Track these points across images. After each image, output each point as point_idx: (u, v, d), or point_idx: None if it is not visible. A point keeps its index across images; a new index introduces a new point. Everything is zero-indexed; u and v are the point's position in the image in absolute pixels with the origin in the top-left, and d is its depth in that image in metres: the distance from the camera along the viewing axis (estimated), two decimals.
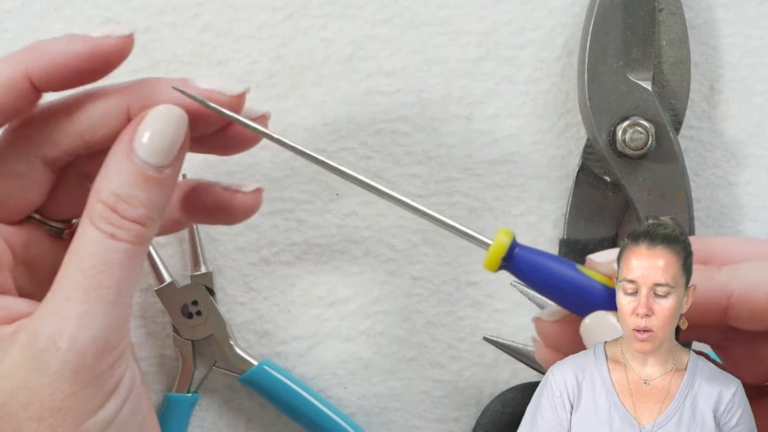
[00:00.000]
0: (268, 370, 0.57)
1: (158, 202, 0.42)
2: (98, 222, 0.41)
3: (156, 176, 0.41)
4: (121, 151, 0.42)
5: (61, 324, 0.40)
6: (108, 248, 0.41)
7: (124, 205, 0.41)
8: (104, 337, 0.40)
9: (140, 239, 0.41)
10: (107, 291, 0.40)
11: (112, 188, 0.41)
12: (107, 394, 0.40)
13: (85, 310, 0.40)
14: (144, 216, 0.41)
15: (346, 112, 0.58)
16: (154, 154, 0.41)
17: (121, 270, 0.41)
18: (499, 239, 0.42)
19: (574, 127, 0.58)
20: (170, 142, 0.42)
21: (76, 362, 0.39)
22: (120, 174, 0.41)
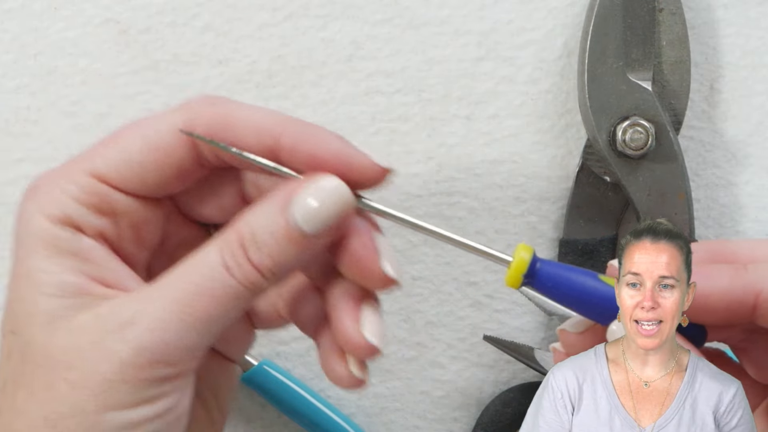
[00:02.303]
0: (268, 370, 0.57)
1: (288, 261, 0.41)
2: (223, 249, 0.40)
3: (298, 239, 0.40)
4: (280, 199, 0.41)
5: (138, 318, 0.40)
6: (217, 278, 0.40)
7: (254, 247, 0.40)
8: (166, 351, 0.40)
9: (251, 285, 0.40)
10: (194, 314, 0.40)
11: (253, 227, 0.40)
12: (140, 401, 0.40)
13: (166, 317, 0.40)
14: (267, 267, 0.40)
15: (346, 112, 0.58)
16: (308, 221, 0.40)
17: (218, 303, 0.40)
18: (519, 256, 0.41)
19: (574, 127, 0.58)
20: (328, 217, 0.40)
21: (128, 356, 0.39)
22: (267, 218, 0.40)
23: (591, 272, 0.42)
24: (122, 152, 0.42)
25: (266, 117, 0.42)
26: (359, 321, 0.42)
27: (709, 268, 0.41)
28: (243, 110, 0.42)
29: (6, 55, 0.58)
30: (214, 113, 0.42)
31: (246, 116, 0.42)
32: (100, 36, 0.58)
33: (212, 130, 0.42)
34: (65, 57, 0.58)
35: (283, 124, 0.42)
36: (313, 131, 0.42)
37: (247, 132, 0.42)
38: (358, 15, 0.58)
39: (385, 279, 0.42)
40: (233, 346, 0.47)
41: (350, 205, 0.41)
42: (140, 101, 0.58)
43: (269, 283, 0.41)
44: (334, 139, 0.42)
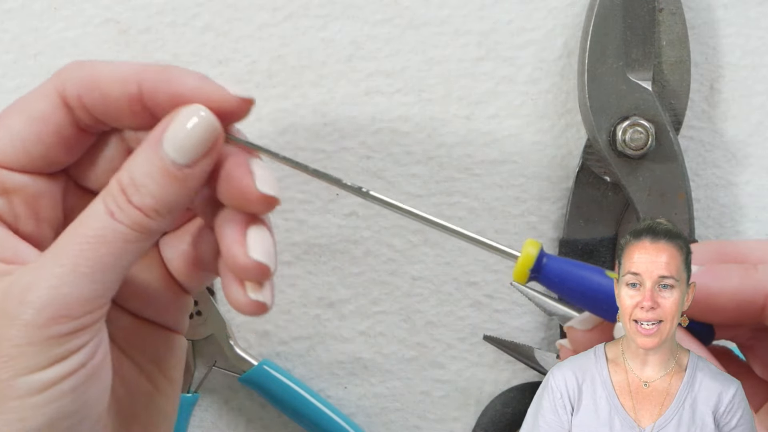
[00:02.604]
0: (268, 370, 0.57)
1: (169, 198, 0.41)
2: (106, 198, 0.42)
3: (174, 173, 0.41)
4: (152, 139, 0.42)
5: (35, 280, 0.40)
6: (103, 224, 0.41)
7: (133, 189, 0.41)
8: (66, 303, 0.40)
9: (139, 227, 0.41)
10: (87, 263, 0.41)
11: (131, 171, 0.42)
12: (52, 359, 0.40)
13: (59, 273, 0.40)
14: (149, 206, 0.41)
15: (346, 112, 0.58)
16: (178, 151, 0.41)
17: (108, 249, 0.41)
18: (527, 251, 0.42)
19: (574, 127, 0.58)
20: (197, 143, 0.41)
21: (30, 317, 0.40)
22: (142, 161, 0.42)
23: (597, 268, 0.42)
24: (4, 130, 0.43)
25: (127, 68, 0.43)
26: (245, 243, 0.42)
27: (719, 267, 0.41)
28: (106, 66, 0.43)
29: (6, 55, 0.58)
30: (82, 75, 0.43)
31: (109, 71, 0.43)
32: (100, 36, 0.58)
33: (82, 90, 0.43)
34: (65, 57, 0.58)
35: (143, 71, 0.43)
36: (171, 72, 0.42)
37: (112, 85, 0.42)
38: (358, 15, 0.58)
39: (263, 198, 0.42)
40: (168, 314, 0.47)
41: (217, 129, 0.42)
42: None
43: (156, 223, 0.42)
44: (192, 77, 0.42)
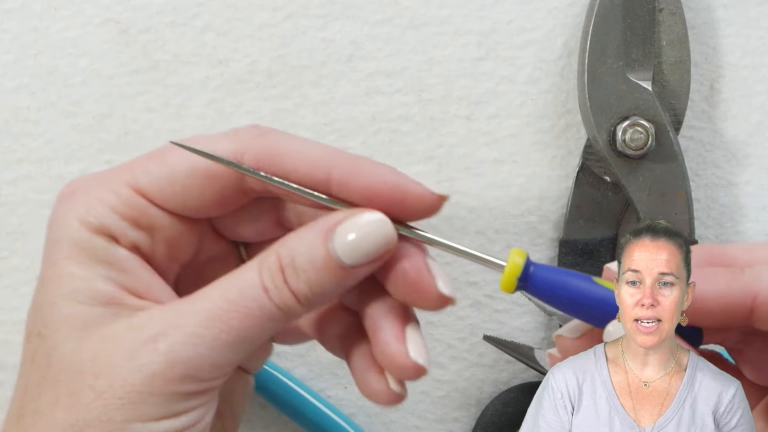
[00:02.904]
0: (268, 370, 0.57)
1: (324, 290, 0.41)
2: (262, 270, 0.41)
3: (337, 270, 0.40)
4: (322, 228, 0.41)
5: (172, 330, 0.40)
6: (254, 297, 0.40)
7: (292, 271, 0.40)
8: (199, 365, 0.40)
9: (286, 308, 0.40)
10: (229, 331, 0.40)
11: (294, 252, 0.40)
12: (166, 414, 0.40)
13: (199, 332, 0.40)
14: (303, 293, 0.40)
15: (347, 112, 0.58)
16: (348, 253, 0.40)
17: (254, 323, 0.40)
18: (513, 260, 0.41)
19: (574, 127, 0.58)
20: (368, 251, 0.40)
21: (161, 368, 0.39)
22: (308, 245, 0.40)
23: (585, 275, 0.42)
24: (167, 171, 0.42)
25: (317, 150, 0.42)
26: (404, 341, 0.42)
27: (707, 270, 0.41)
28: (292, 143, 0.42)
29: (6, 55, 0.58)
30: (264, 145, 0.42)
31: (296, 149, 0.42)
32: (100, 36, 0.58)
33: (261, 163, 0.42)
34: (65, 57, 0.58)
35: (334, 157, 0.41)
36: (364, 163, 0.41)
37: (298, 165, 0.41)
38: (358, 15, 0.58)
39: (442, 298, 0.41)
40: (252, 359, 0.47)
41: (392, 240, 0.41)
42: (140, 101, 0.58)
43: (304, 309, 0.41)
44: (387, 170, 0.41)
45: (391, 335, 0.42)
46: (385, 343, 0.42)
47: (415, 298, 0.42)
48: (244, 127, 0.43)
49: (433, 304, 0.42)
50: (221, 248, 0.46)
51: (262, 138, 0.42)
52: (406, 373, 0.42)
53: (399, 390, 0.43)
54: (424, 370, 0.42)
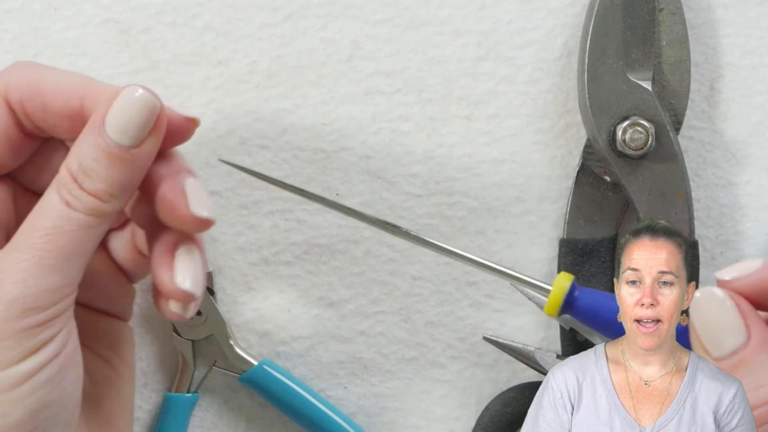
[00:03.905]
0: (268, 370, 0.57)
1: (120, 180, 0.42)
2: (59, 188, 0.42)
3: (121, 155, 0.42)
4: (93, 124, 0.42)
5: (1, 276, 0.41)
6: (61, 214, 0.42)
7: (84, 176, 0.42)
8: (34, 296, 0.41)
9: (95, 212, 0.42)
10: (50, 254, 0.41)
11: (78, 159, 0.42)
12: (26, 352, 0.41)
13: (23, 267, 0.41)
14: (102, 191, 0.42)
15: (346, 112, 0.58)
16: (121, 134, 0.42)
17: (69, 238, 0.42)
18: (559, 284, 0.42)
19: (574, 127, 0.58)
20: (139, 123, 0.42)
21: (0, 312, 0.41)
22: (88, 147, 0.42)
23: None
24: None
25: (72, 80, 0.44)
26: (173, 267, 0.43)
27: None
28: (51, 75, 0.44)
29: (6, 55, 0.58)
30: (25, 80, 0.44)
31: (53, 81, 0.44)
32: (100, 36, 0.58)
33: (25, 96, 0.43)
34: (65, 57, 0.58)
35: (86, 86, 0.43)
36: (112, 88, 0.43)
37: (55, 96, 0.43)
38: (358, 15, 0.58)
39: (197, 220, 0.43)
40: (115, 303, 0.49)
41: (156, 106, 0.42)
42: None
43: (111, 206, 0.42)
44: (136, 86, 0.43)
45: (160, 261, 0.44)
46: (155, 270, 0.44)
47: (175, 221, 0.43)
48: (9, 66, 0.45)
49: (191, 225, 0.43)
50: None
51: (23, 74, 0.44)
52: (176, 298, 0.44)
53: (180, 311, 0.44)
54: (191, 295, 0.43)
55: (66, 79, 0.44)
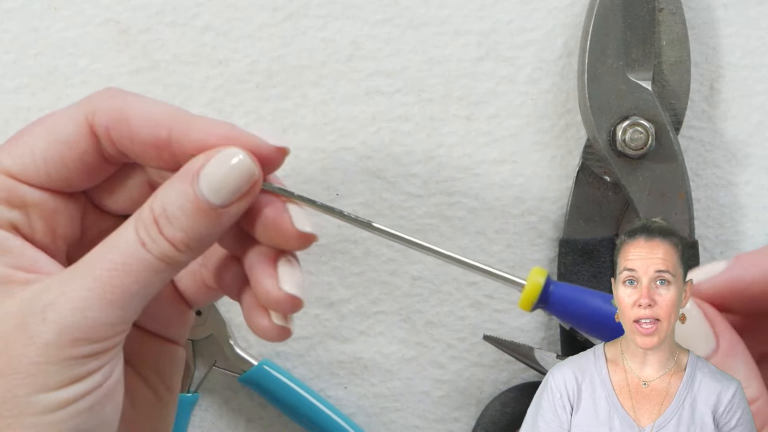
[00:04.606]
0: (268, 370, 0.57)
1: (200, 233, 0.42)
2: (138, 225, 0.42)
3: (208, 211, 0.42)
4: (188, 173, 0.42)
5: (58, 298, 0.41)
6: (134, 252, 0.41)
7: (166, 221, 0.41)
8: (89, 327, 0.41)
9: (168, 259, 0.42)
10: (113, 289, 0.41)
11: (164, 203, 0.42)
12: (70, 379, 0.41)
13: (84, 296, 0.41)
14: (179, 240, 0.41)
15: (347, 112, 0.58)
16: (214, 192, 0.41)
17: (136, 277, 0.41)
18: (533, 279, 0.42)
19: (574, 127, 0.58)
20: (235, 188, 0.42)
21: (51, 337, 0.40)
22: (176, 194, 0.42)
23: (605, 295, 0.42)
24: (27, 147, 0.43)
25: (159, 110, 0.43)
26: (277, 276, 0.43)
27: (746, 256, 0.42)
28: (138, 103, 0.43)
29: (6, 55, 0.58)
30: (112, 107, 0.43)
31: (141, 109, 0.43)
32: (100, 36, 0.58)
33: (111, 123, 0.43)
34: (65, 57, 0.58)
35: (174, 115, 0.43)
36: (200, 120, 0.43)
37: (142, 125, 0.43)
38: (358, 15, 0.58)
39: (302, 235, 0.43)
40: (171, 328, 0.48)
41: (255, 173, 0.42)
42: None
43: (185, 257, 0.42)
44: (223, 126, 0.43)
45: (262, 273, 0.43)
46: (258, 281, 0.43)
47: (278, 239, 0.43)
48: (96, 92, 0.45)
49: (296, 242, 0.43)
50: (108, 224, 0.46)
51: (110, 101, 0.44)
52: (282, 305, 0.43)
53: (283, 323, 0.44)
54: (298, 300, 0.43)
55: (154, 108, 0.43)
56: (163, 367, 0.48)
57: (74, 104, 0.44)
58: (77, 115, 0.43)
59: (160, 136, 0.43)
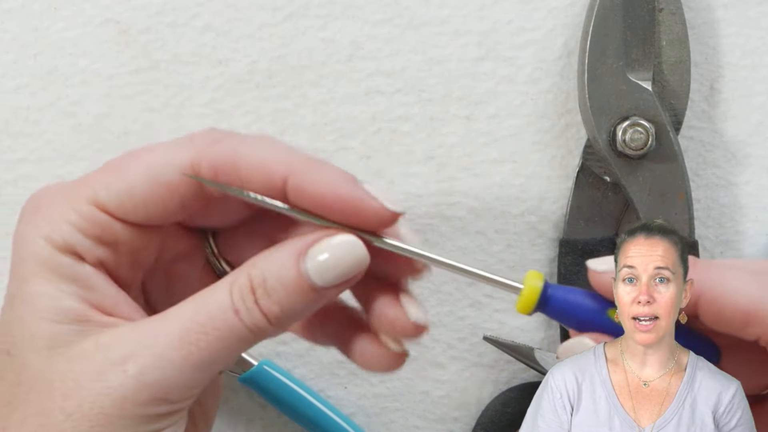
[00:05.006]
0: (268, 370, 0.57)
1: (296, 311, 0.41)
2: (233, 290, 0.40)
3: (309, 291, 0.41)
4: (295, 249, 0.41)
5: (142, 352, 0.39)
6: (225, 318, 0.40)
7: (263, 293, 0.40)
8: (168, 387, 0.40)
9: (258, 330, 0.41)
10: (198, 353, 0.40)
11: (265, 272, 0.40)
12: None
13: (169, 355, 0.40)
14: (274, 314, 0.40)
15: (347, 112, 0.58)
16: (320, 275, 0.40)
17: (223, 344, 0.40)
18: (531, 284, 0.41)
19: (574, 127, 0.58)
20: (340, 273, 0.41)
21: (130, 392, 0.39)
22: (280, 267, 0.40)
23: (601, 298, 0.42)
24: (126, 184, 0.42)
25: (273, 155, 0.41)
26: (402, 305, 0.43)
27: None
28: (249, 148, 0.41)
29: (6, 55, 0.58)
30: (220, 152, 0.41)
31: (252, 155, 0.41)
32: (100, 36, 0.58)
33: (218, 170, 0.41)
34: (65, 57, 0.58)
35: (291, 164, 0.41)
36: (322, 172, 0.41)
37: (254, 173, 0.41)
38: (358, 15, 0.58)
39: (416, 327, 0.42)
40: None
41: (364, 262, 0.41)
42: (140, 101, 0.58)
43: (274, 329, 0.41)
44: (344, 181, 0.41)
45: (388, 303, 0.43)
46: (383, 313, 0.42)
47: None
48: (199, 132, 0.43)
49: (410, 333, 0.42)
50: (187, 243, 0.45)
51: (217, 145, 0.42)
52: (410, 331, 0.42)
53: (400, 348, 0.43)
54: (425, 327, 0.42)
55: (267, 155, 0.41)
56: (205, 397, 0.46)
57: (176, 143, 0.42)
58: (181, 159, 0.41)
59: (273, 185, 0.41)
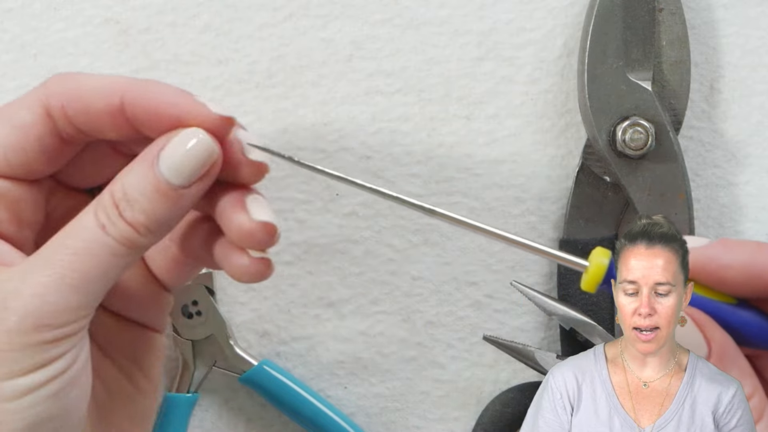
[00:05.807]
0: (268, 370, 0.57)
1: (161, 216, 0.42)
2: (97, 210, 0.42)
3: (168, 192, 0.42)
4: (146, 156, 0.42)
5: (20, 286, 0.41)
6: (93, 237, 0.41)
7: (126, 204, 0.42)
8: (50, 312, 0.41)
9: (128, 243, 0.42)
10: (73, 274, 0.41)
11: (124, 186, 0.42)
12: (32, 366, 0.41)
13: (45, 282, 0.41)
14: (140, 223, 0.42)
15: (346, 112, 0.58)
16: (174, 173, 0.42)
17: (96, 262, 0.41)
18: (597, 260, 0.41)
19: (574, 127, 0.58)
20: (195, 168, 0.42)
21: (13, 324, 0.40)
22: (136, 177, 0.42)
23: None
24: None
25: (111, 80, 0.43)
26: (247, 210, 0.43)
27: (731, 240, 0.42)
28: (90, 78, 0.43)
29: (6, 55, 0.58)
30: (66, 87, 0.43)
31: (92, 83, 0.43)
32: (100, 36, 0.58)
33: (66, 101, 0.43)
34: (65, 57, 0.58)
35: (126, 84, 0.43)
36: (153, 87, 0.43)
37: (95, 97, 0.43)
38: (358, 15, 0.58)
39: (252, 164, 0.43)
40: (147, 313, 0.48)
41: (215, 153, 0.42)
42: None
43: (147, 240, 0.42)
44: (173, 93, 0.43)
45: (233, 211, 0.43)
46: (229, 219, 0.43)
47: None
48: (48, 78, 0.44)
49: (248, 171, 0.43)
50: (74, 201, 0.46)
51: (63, 83, 0.43)
52: (258, 236, 0.43)
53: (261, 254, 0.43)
54: (272, 226, 0.43)
55: (104, 79, 0.43)
56: (140, 354, 0.47)
57: (29, 91, 0.44)
58: (32, 100, 0.43)
59: (113, 104, 0.43)
